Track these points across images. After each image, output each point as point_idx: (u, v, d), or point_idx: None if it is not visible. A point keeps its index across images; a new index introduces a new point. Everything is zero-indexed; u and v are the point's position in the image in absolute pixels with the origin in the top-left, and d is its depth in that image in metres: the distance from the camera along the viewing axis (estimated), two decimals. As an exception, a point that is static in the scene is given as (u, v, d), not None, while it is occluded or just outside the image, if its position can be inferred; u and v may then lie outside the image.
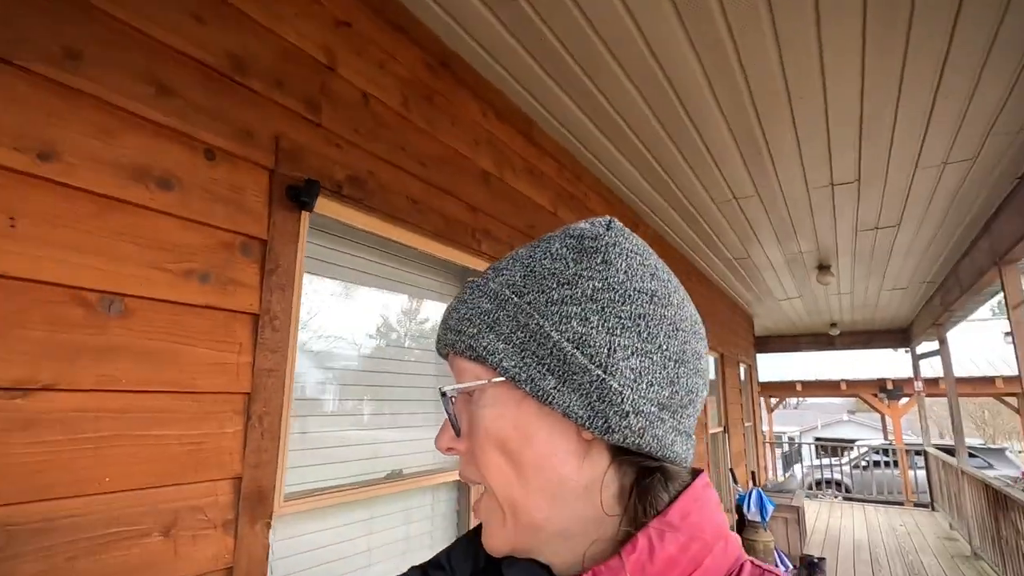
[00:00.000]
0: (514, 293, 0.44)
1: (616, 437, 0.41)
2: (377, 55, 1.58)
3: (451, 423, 0.46)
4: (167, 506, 0.98)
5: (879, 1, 1.64)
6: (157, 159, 1.03)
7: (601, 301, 0.43)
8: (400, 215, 1.58)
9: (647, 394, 0.41)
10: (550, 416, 0.42)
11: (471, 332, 0.44)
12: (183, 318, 1.04)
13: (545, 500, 0.42)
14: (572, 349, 0.41)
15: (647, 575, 0.37)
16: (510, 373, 0.42)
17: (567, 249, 0.45)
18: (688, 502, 0.41)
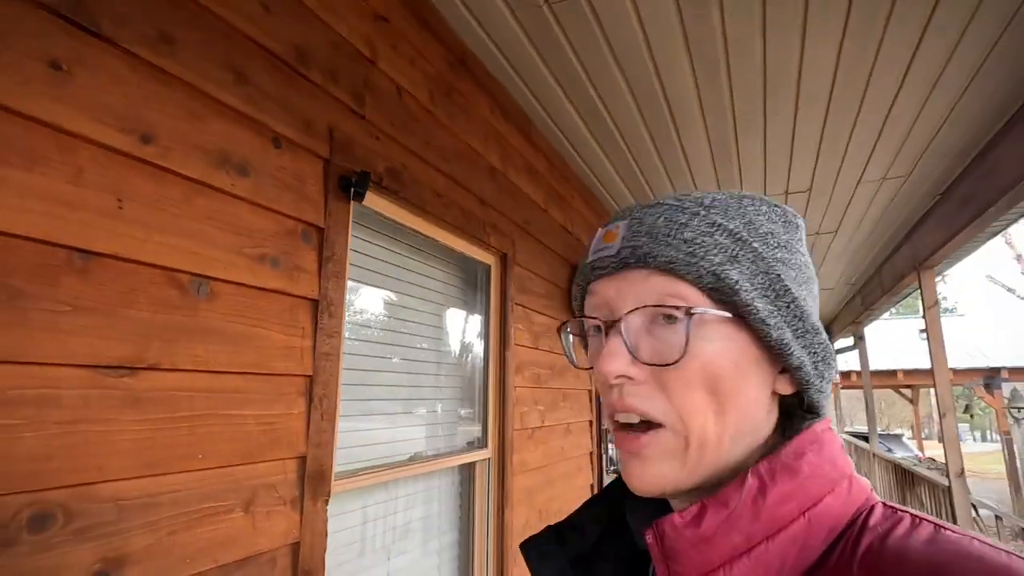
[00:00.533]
0: (748, 236, 0.43)
1: (819, 397, 0.44)
2: (409, 51, 1.62)
3: (628, 350, 0.42)
4: (247, 483, 1.02)
5: (850, 46, 1.86)
6: (235, 145, 1.05)
7: (804, 271, 0.45)
8: (428, 207, 1.64)
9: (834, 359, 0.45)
10: (763, 364, 0.43)
11: (713, 260, 0.41)
12: (258, 302, 1.07)
13: (736, 443, 0.42)
14: (805, 308, 0.43)
15: (757, 508, 0.37)
16: (761, 314, 0.41)
17: (775, 215, 0.46)
18: (803, 443, 0.41)
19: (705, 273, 0.41)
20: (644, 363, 0.42)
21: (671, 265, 0.41)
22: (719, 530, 0.38)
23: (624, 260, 0.43)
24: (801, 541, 0.37)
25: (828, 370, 0.44)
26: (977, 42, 1.90)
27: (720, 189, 3.26)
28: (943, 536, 0.34)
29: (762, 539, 0.37)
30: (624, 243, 0.43)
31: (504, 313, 2.12)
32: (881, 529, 0.36)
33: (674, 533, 0.39)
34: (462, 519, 1.93)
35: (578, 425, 2.88)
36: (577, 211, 3.03)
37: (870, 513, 0.38)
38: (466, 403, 2.01)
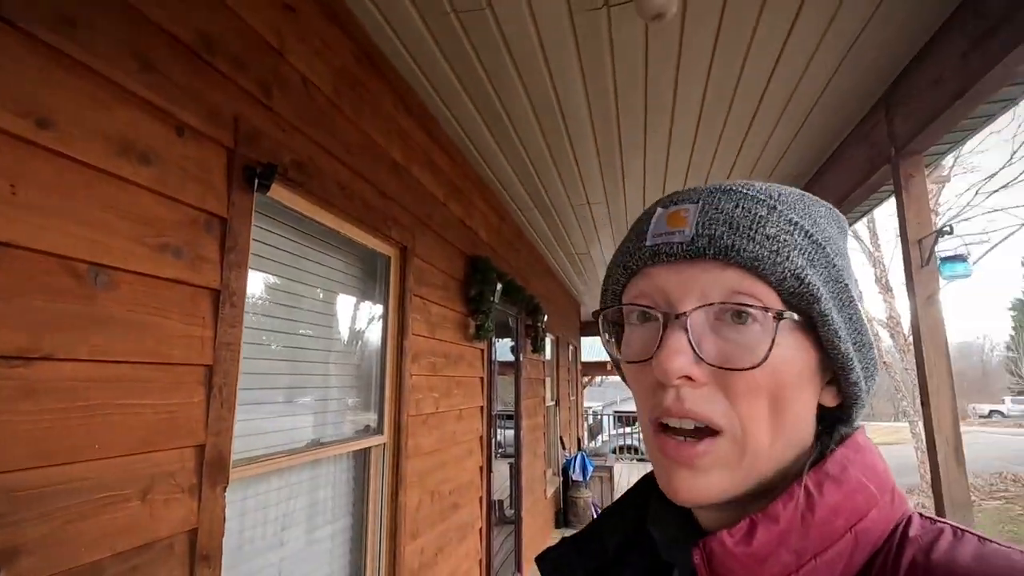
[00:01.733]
0: (820, 238, 0.40)
1: (861, 413, 0.42)
2: (316, 43, 1.63)
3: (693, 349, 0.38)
4: (145, 472, 1.02)
5: (715, 80, 2.17)
6: (138, 133, 1.03)
7: (855, 282, 0.43)
8: (332, 199, 1.67)
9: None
10: (818, 375, 0.41)
11: (797, 262, 0.38)
12: (159, 291, 1.07)
13: (786, 452, 0.39)
14: (864, 321, 0.41)
15: (807, 524, 0.36)
16: (835, 325, 0.39)
17: (832, 218, 0.44)
18: (848, 453, 0.39)
19: (789, 275, 0.38)
20: (711, 365, 0.38)
21: (756, 262, 0.38)
22: (771, 548, 0.36)
23: (699, 249, 0.39)
24: (847, 557, 0.36)
25: (873, 384, 0.43)
26: (812, 89, 2.30)
27: (606, 195, 3.56)
28: (990, 549, 0.33)
29: (811, 556, 0.35)
30: (700, 230, 0.39)
31: (403, 304, 2.20)
32: (923, 542, 0.35)
33: (724, 552, 0.36)
34: (356, 503, 1.99)
35: (469, 411, 3.03)
36: (474, 205, 3.16)
37: (908, 524, 0.37)
38: (364, 391, 2.06)
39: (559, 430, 6.46)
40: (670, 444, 0.39)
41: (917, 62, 2.03)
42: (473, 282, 3.00)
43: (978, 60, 1.66)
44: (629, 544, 0.49)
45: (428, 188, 2.47)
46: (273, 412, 1.58)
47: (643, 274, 0.42)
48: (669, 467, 0.40)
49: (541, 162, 3.06)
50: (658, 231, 0.41)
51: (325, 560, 1.80)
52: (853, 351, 0.40)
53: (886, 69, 2.14)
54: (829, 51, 2.03)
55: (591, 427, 18.92)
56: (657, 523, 0.47)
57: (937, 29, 1.88)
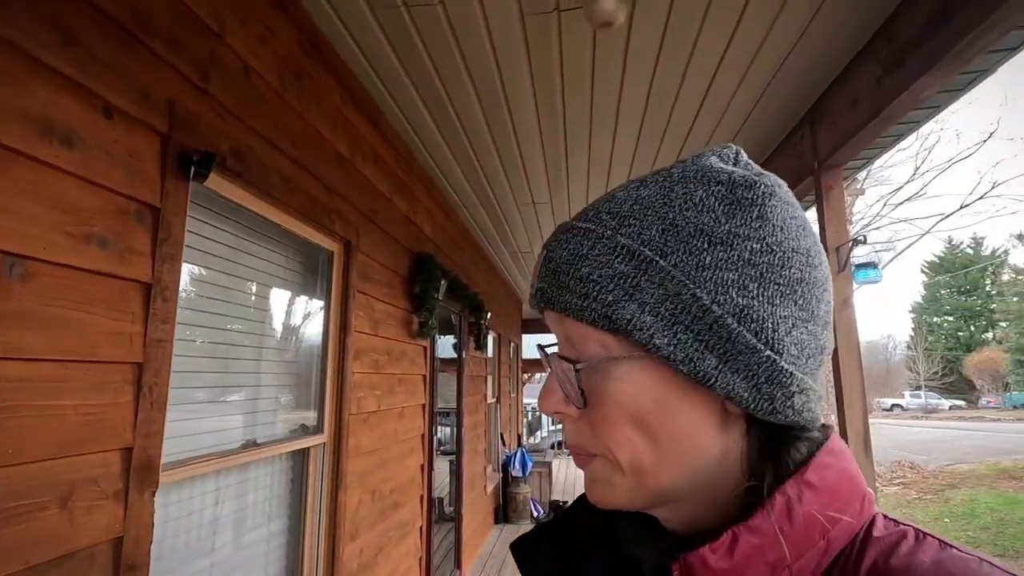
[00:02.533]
0: (656, 253, 0.38)
1: (779, 417, 0.38)
2: (259, 28, 1.57)
3: (561, 389, 0.42)
4: (64, 477, 0.95)
5: (655, 100, 2.26)
6: (60, 113, 0.96)
7: (760, 266, 0.38)
8: (273, 191, 1.61)
9: (808, 368, 0.39)
10: (696, 392, 0.38)
11: (605, 299, 0.38)
12: (83, 284, 1.00)
13: (677, 470, 0.39)
14: (736, 325, 0.37)
15: (784, 534, 0.35)
16: (663, 352, 0.37)
17: (716, 200, 0.39)
18: (826, 459, 0.38)
19: (598, 316, 0.38)
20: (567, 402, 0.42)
21: (568, 311, 0.40)
22: (750, 560, 0.35)
23: (539, 303, 0.42)
24: (815, 563, 0.36)
25: (778, 388, 0.38)
26: (746, 102, 2.43)
27: (551, 194, 3.61)
28: (950, 555, 0.33)
29: (784, 567, 0.36)
30: (538, 282, 0.42)
31: (346, 300, 2.15)
32: (884, 545, 0.35)
33: (704, 569, 0.36)
34: (293, 504, 1.93)
35: (412, 409, 3.00)
36: (420, 201, 3.12)
37: (872, 525, 0.37)
38: (303, 389, 2.00)
39: (500, 427, 6.50)
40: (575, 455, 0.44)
41: (838, 83, 2.19)
42: (417, 279, 2.97)
43: (890, 85, 1.82)
44: (602, 532, 0.50)
45: (373, 183, 2.42)
46: (208, 412, 1.51)
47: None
48: (584, 475, 0.44)
49: (488, 160, 3.07)
50: (532, 280, 0.44)
51: (260, 564, 1.74)
52: (715, 365, 0.37)
53: (811, 88, 2.30)
54: (760, 70, 2.16)
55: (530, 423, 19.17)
56: (622, 518, 0.48)
57: (856, 53, 2.04)
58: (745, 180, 0.40)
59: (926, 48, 1.65)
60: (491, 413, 6.08)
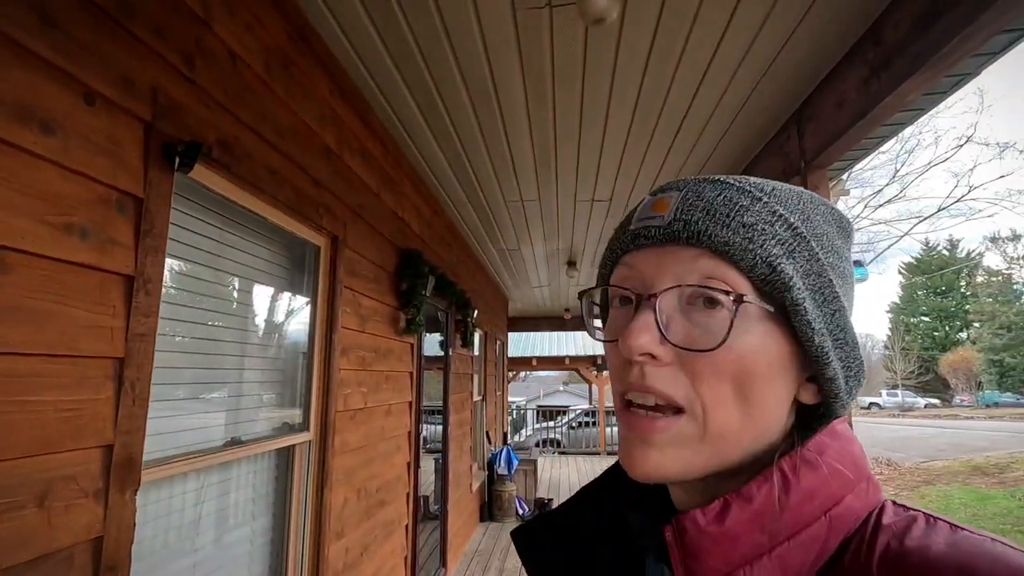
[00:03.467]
0: (806, 232, 0.41)
1: (841, 411, 0.41)
2: (246, 16, 1.53)
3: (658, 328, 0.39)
4: (42, 476, 0.92)
5: (645, 99, 2.26)
6: (40, 99, 0.92)
7: (850, 282, 0.43)
8: (260, 184, 1.58)
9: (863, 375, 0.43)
10: (794, 368, 0.40)
11: (773, 251, 0.38)
12: (63, 276, 0.96)
13: (753, 438, 0.39)
14: (848, 319, 0.41)
15: (782, 507, 0.36)
16: (808, 316, 0.38)
17: (832, 218, 0.44)
18: (825, 439, 0.39)
19: (760, 262, 0.38)
20: (674, 345, 0.39)
21: (726, 247, 0.38)
22: (743, 527, 0.36)
23: (674, 233, 0.40)
24: (821, 541, 0.36)
25: (857, 386, 0.43)
26: (734, 102, 2.45)
27: (539, 191, 3.60)
28: (962, 537, 0.33)
29: (784, 538, 0.36)
30: (678, 215, 0.40)
31: (333, 296, 2.12)
32: (897, 528, 0.35)
33: (696, 530, 0.37)
34: (278, 503, 1.90)
35: (398, 406, 2.98)
36: (407, 197, 3.09)
37: (882, 511, 0.38)
38: (289, 386, 1.97)
39: (486, 425, 6.49)
40: (630, 418, 0.40)
41: (825, 84, 2.22)
42: (405, 275, 2.94)
43: (876, 87, 1.84)
44: (603, 525, 0.49)
45: (361, 177, 2.39)
46: (192, 409, 1.47)
47: (626, 261, 0.43)
48: (629, 441, 0.41)
49: (477, 157, 3.06)
50: (642, 216, 0.42)
51: (244, 563, 1.71)
52: (831, 346, 0.40)
53: (798, 88, 2.32)
54: (750, 69, 2.17)
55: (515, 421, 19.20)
56: (633, 507, 0.47)
57: (844, 55, 2.06)
58: (843, 215, 0.46)
59: (912, 51, 1.67)
60: (477, 411, 6.07)
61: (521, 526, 0.52)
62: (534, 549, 0.50)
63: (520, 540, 0.51)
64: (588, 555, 0.49)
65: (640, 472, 0.40)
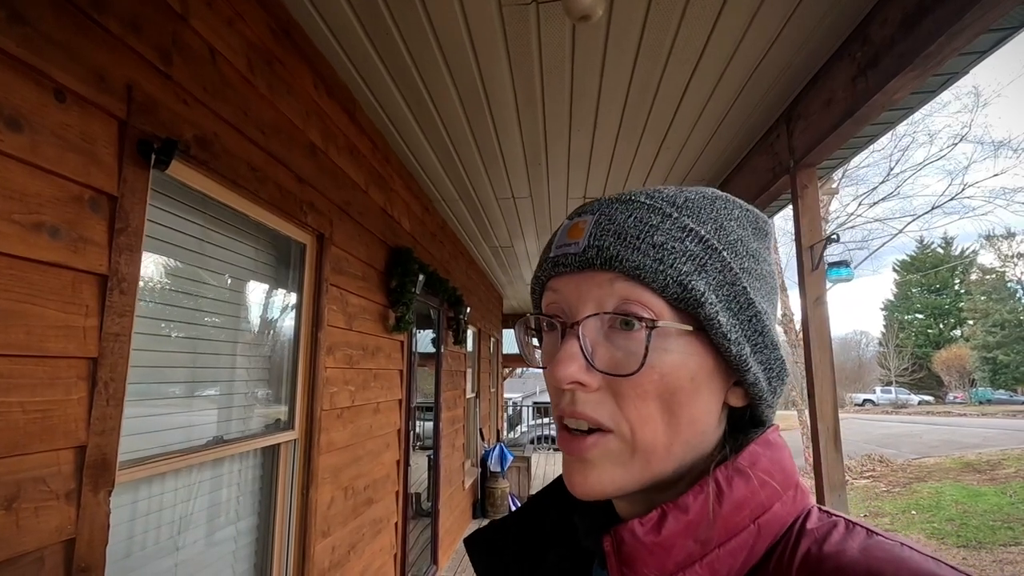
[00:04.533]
0: (718, 243, 0.41)
1: (768, 412, 0.44)
2: (226, 11, 1.51)
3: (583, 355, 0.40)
4: (9, 478, 0.91)
5: (634, 97, 2.25)
6: (5, 95, 0.91)
7: (769, 283, 0.44)
8: (241, 181, 1.56)
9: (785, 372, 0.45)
10: (718, 377, 0.42)
11: (682, 269, 0.39)
12: (31, 275, 0.95)
13: (685, 449, 0.41)
14: (766, 323, 0.42)
15: (716, 516, 0.37)
16: (723, 329, 0.40)
17: (748, 221, 0.45)
18: (758, 449, 0.41)
19: (672, 283, 0.39)
20: (600, 371, 0.40)
21: (638, 271, 0.39)
22: (678, 537, 0.38)
23: (589, 260, 0.41)
24: (749, 547, 0.38)
25: (781, 385, 0.45)
26: (723, 100, 2.44)
27: (531, 189, 3.59)
28: (876, 542, 0.35)
29: (716, 546, 0.38)
30: (591, 241, 0.41)
31: (319, 294, 2.10)
32: (818, 534, 0.37)
33: (633, 540, 0.38)
34: (263, 502, 1.89)
35: (387, 404, 2.97)
36: (397, 194, 3.08)
37: (807, 517, 0.39)
38: (274, 384, 1.96)
39: (479, 422, 6.49)
40: (564, 438, 0.42)
41: (813, 83, 2.21)
42: (394, 273, 2.93)
43: (863, 86, 1.84)
44: (556, 530, 0.51)
45: (348, 174, 2.37)
46: (173, 408, 1.46)
47: (551, 287, 0.44)
48: (567, 461, 0.42)
49: (467, 154, 3.04)
50: (560, 243, 0.43)
51: (228, 563, 1.70)
52: (749, 353, 0.41)
53: (788, 87, 2.31)
54: (739, 67, 2.16)
55: (510, 418, 19.21)
56: (581, 512, 0.48)
57: (832, 54, 2.06)
58: (758, 215, 0.46)
59: (898, 50, 1.66)
60: (470, 408, 6.06)
61: (473, 533, 0.52)
62: (486, 555, 0.51)
63: (472, 547, 0.52)
64: (539, 561, 0.50)
65: (580, 491, 0.41)
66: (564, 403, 0.41)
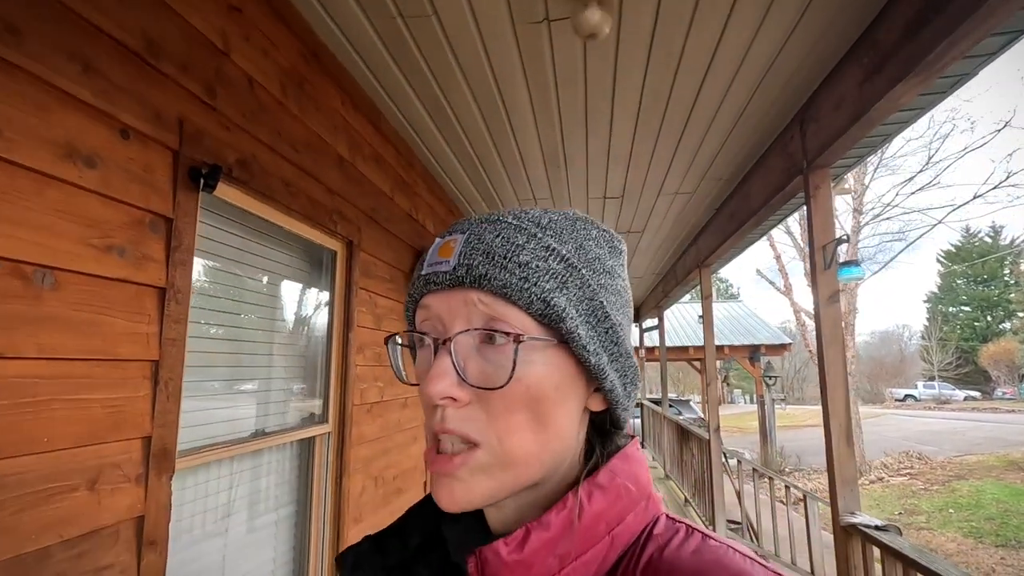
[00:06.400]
0: (578, 262, 0.45)
1: (624, 416, 0.47)
2: (262, 42, 1.66)
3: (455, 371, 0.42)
4: (92, 463, 1.07)
5: (647, 105, 2.32)
6: (83, 137, 1.06)
7: (623, 296, 0.48)
8: (276, 196, 1.71)
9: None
10: (579, 384, 0.45)
11: (545, 286, 0.42)
12: (105, 291, 1.11)
13: (551, 460, 0.43)
14: (621, 334, 0.46)
15: (575, 530, 0.40)
16: (582, 341, 0.43)
17: (604, 241, 0.49)
18: (617, 464, 0.44)
19: (536, 300, 0.41)
20: (471, 385, 0.41)
21: (505, 289, 0.41)
22: (539, 553, 0.39)
23: (459, 278, 0.42)
24: (601, 557, 0.40)
25: (635, 390, 0.48)
26: (736, 103, 2.49)
27: (551, 191, 3.69)
28: (707, 546, 0.39)
29: (572, 559, 0.40)
30: (461, 260, 0.43)
31: (349, 296, 2.26)
32: (661, 540, 0.40)
33: (496, 560, 0.39)
34: (301, 489, 2.06)
35: (415, 399, 3.12)
36: (422, 198, 3.22)
37: (655, 524, 0.43)
38: (309, 381, 2.12)
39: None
40: (433, 457, 0.43)
41: (825, 85, 2.24)
42: (420, 274, 3.07)
43: (870, 89, 1.88)
44: (430, 543, 0.51)
45: (374, 182, 2.52)
46: (221, 403, 1.63)
47: (422, 304, 0.46)
48: (434, 478, 0.43)
49: (487, 158, 3.16)
50: (432, 261, 0.45)
51: (270, 544, 1.87)
52: (607, 362, 0.45)
53: (799, 91, 2.35)
54: (749, 73, 2.21)
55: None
56: (449, 524, 0.49)
57: (842, 57, 2.09)
58: (613, 235, 0.51)
59: (903, 55, 1.70)
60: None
61: (347, 549, 0.51)
62: (359, 570, 0.50)
63: (344, 564, 0.50)
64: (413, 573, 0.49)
65: (448, 504, 0.42)
66: (436, 419, 0.42)
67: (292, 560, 1.98)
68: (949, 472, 10.76)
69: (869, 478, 10.70)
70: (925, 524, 7.84)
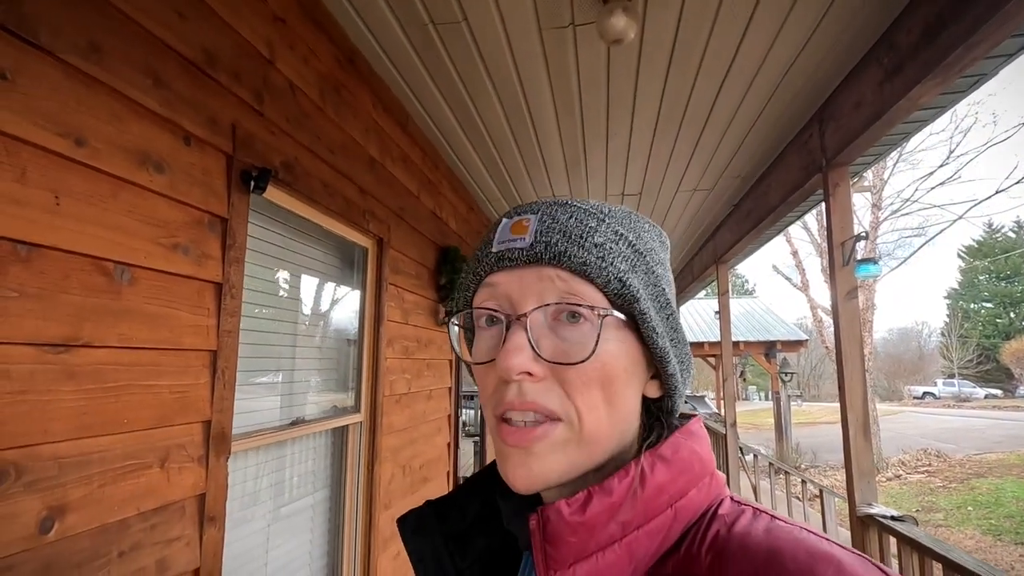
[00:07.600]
0: (642, 248, 0.46)
1: (679, 402, 0.48)
2: (303, 50, 1.75)
3: (531, 345, 0.42)
4: (162, 443, 1.17)
5: (666, 108, 2.38)
6: (153, 144, 1.16)
7: (673, 289, 0.50)
8: (316, 197, 1.80)
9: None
10: (642, 368, 0.46)
11: (621, 267, 0.43)
12: (172, 286, 1.20)
13: (618, 441, 0.44)
14: (679, 321, 0.48)
15: (637, 498, 0.40)
16: (653, 322, 0.44)
17: (654, 234, 0.50)
18: (680, 438, 0.44)
19: (613, 279, 0.42)
20: (547, 360, 0.41)
21: (584, 266, 0.42)
22: (601, 518, 0.39)
23: (537, 255, 0.42)
24: (665, 530, 0.40)
25: (690, 377, 0.49)
26: (756, 102, 2.53)
27: (571, 187, 3.75)
28: (777, 526, 0.38)
29: (635, 527, 0.40)
30: (538, 237, 0.43)
31: (379, 292, 2.35)
32: (728, 519, 0.40)
33: (559, 519, 0.39)
34: (335, 475, 2.16)
35: (439, 391, 3.21)
36: (445, 197, 3.30)
37: (720, 505, 0.43)
38: (343, 373, 2.22)
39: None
40: (507, 430, 0.42)
41: (844, 84, 2.28)
42: (443, 270, 3.16)
43: (889, 90, 1.92)
44: (485, 514, 0.52)
45: (402, 182, 2.60)
46: (264, 392, 1.73)
47: (490, 281, 0.45)
48: (508, 454, 0.42)
49: (510, 158, 3.23)
50: (503, 239, 0.45)
51: (307, 527, 1.98)
52: (670, 346, 0.46)
53: (818, 90, 2.39)
54: (769, 73, 2.26)
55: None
56: (505, 496, 0.49)
57: (862, 57, 2.13)
58: (661, 231, 0.53)
59: (921, 57, 1.74)
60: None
61: (407, 513, 0.53)
62: (418, 536, 0.52)
63: (405, 526, 0.52)
64: (470, 541, 0.51)
65: (524, 484, 0.42)
66: (511, 396, 0.42)
67: (327, 542, 2.09)
68: (968, 470, 10.65)
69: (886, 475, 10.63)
70: (943, 521, 7.80)
